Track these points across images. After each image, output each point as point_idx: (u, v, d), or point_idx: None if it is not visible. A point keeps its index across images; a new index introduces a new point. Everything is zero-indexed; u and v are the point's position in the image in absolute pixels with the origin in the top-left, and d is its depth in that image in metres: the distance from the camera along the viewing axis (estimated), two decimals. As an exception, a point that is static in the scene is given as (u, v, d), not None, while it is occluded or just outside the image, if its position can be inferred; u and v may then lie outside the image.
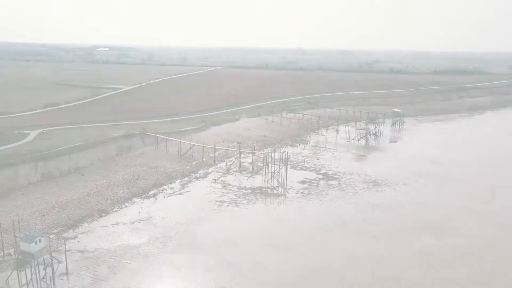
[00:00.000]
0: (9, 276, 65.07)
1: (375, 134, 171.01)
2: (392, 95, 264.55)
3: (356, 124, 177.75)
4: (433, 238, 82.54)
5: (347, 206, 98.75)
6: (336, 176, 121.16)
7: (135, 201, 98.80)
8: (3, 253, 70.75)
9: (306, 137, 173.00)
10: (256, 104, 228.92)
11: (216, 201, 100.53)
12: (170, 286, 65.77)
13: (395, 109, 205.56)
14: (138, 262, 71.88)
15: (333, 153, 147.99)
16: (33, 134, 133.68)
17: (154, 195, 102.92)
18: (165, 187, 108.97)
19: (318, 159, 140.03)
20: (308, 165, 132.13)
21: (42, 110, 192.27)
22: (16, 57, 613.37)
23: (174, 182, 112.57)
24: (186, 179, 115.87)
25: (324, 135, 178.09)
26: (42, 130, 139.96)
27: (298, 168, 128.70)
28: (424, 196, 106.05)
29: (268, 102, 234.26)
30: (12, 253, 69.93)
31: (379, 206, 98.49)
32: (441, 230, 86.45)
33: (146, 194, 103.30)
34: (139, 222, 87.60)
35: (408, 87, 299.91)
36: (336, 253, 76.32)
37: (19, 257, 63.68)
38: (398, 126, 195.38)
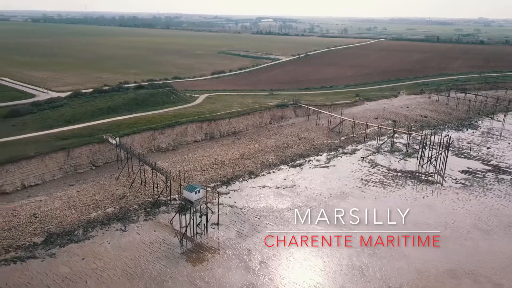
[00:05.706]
0: (173, 217, 76.19)
1: None
2: None
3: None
4: None
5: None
6: (510, 170, 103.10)
7: (282, 168, 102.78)
8: (170, 197, 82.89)
9: (476, 122, 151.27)
10: (420, 81, 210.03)
11: (361, 179, 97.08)
12: (305, 255, 67.03)
13: None
14: (279, 225, 75.21)
15: (510, 143, 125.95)
16: (201, 97, 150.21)
17: (300, 165, 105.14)
18: (311, 158, 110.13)
19: (488, 148, 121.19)
20: (475, 154, 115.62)
21: (210, 76, 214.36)
22: (193, 28, 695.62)
23: (321, 155, 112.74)
24: (333, 153, 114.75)
25: (500, 121, 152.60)
26: (208, 94, 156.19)
27: (461, 156, 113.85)
28: None
29: (434, 79, 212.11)
30: (176, 199, 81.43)
31: None
32: None
33: (292, 163, 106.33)
34: (283, 188, 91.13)
35: None
36: (490, 257, 65.86)
37: (182, 203, 73.56)
38: None
